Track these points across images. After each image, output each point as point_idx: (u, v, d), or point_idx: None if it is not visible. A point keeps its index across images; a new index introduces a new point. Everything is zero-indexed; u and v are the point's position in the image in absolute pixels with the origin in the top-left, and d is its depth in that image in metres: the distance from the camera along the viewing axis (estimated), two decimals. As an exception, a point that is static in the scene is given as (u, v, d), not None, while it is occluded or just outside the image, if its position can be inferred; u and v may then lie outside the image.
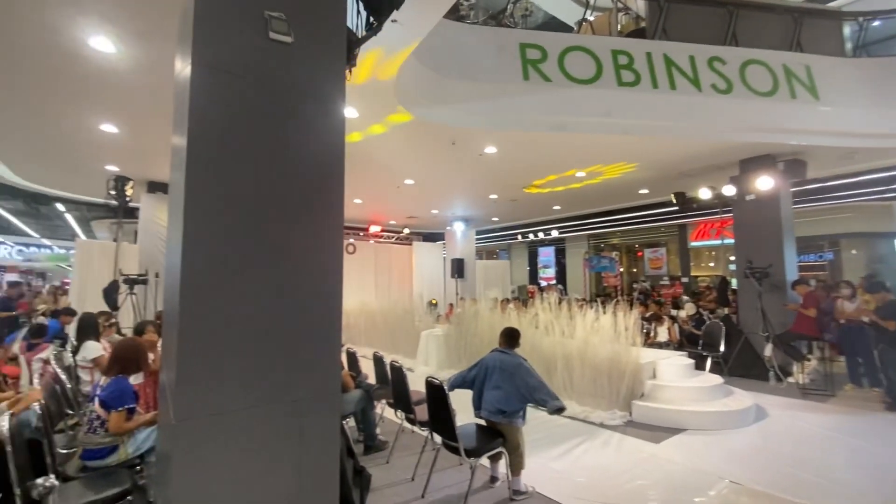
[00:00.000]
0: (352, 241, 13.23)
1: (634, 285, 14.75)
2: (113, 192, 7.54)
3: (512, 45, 6.15)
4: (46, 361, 3.88)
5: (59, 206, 11.82)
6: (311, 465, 1.94)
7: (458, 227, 13.23)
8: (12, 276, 19.32)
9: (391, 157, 7.15)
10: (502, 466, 3.38)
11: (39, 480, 2.35)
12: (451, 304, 11.99)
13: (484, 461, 3.31)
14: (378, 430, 4.25)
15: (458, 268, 12.93)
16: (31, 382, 3.94)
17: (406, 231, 14.46)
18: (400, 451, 3.98)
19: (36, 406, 2.58)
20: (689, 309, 8.27)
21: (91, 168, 7.60)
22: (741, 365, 6.85)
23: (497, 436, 3.19)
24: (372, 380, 4.58)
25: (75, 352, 4.56)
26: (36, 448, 2.55)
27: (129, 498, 2.43)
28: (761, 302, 6.73)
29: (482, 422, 3.39)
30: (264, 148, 1.96)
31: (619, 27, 6.82)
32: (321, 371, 2.02)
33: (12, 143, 6.68)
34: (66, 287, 12.96)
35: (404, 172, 8.18)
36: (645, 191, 10.05)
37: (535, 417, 5.04)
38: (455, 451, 2.99)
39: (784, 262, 7.07)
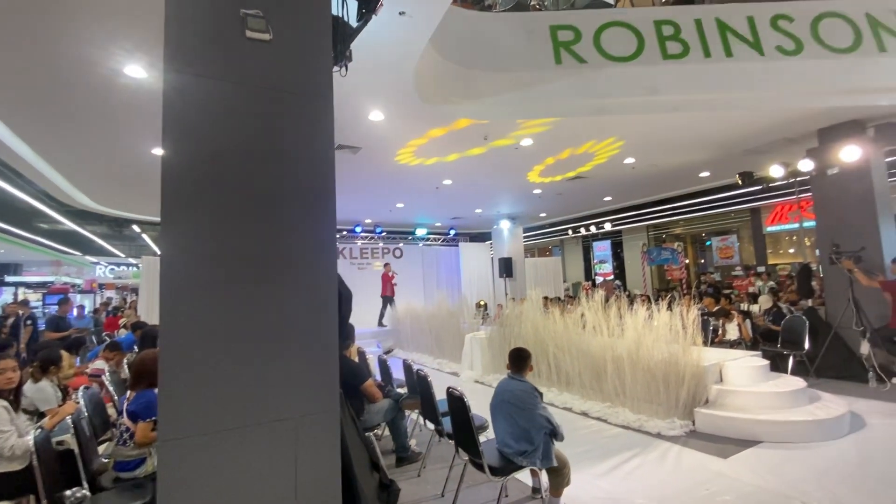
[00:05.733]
0: (400, 245, 13.32)
1: (702, 278, 13.56)
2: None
3: (542, 29, 5.78)
4: (96, 375, 4.13)
5: (136, 228, 12.96)
6: (310, 485, 1.82)
7: (505, 225, 12.86)
8: (110, 293, 21.61)
9: (425, 156, 7.01)
10: (546, 478, 3.03)
11: (69, 492, 2.43)
12: (500, 305, 11.65)
13: (522, 474, 3.04)
14: (413, 441, 4.10)
15: (507, 267, 12.56)
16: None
17: (452, 232, 14.33)
18: (433, 462, 3.79)
19: (69, 419, 2.69)
20: (764, 302, 7.37)
21: (152, 190, 8.17)
22: (832, 365, 5.95)
23: (530, 450, 2.88)
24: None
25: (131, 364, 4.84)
26: (73, 460, 2.67)
27: (148, 512, 2.45)
28: (853, 291, 5.79)
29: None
30: (246, 151, 1.87)
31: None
32: (316, 387, 1.89)
33: (83, 173, 7.33)
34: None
35: (442, 172, 8.02)
36: (705, 174, 9.14)
37: (581, 426, 4.65)
38: (481, 467, 2.74)
39: (881, 243, 6.06)
